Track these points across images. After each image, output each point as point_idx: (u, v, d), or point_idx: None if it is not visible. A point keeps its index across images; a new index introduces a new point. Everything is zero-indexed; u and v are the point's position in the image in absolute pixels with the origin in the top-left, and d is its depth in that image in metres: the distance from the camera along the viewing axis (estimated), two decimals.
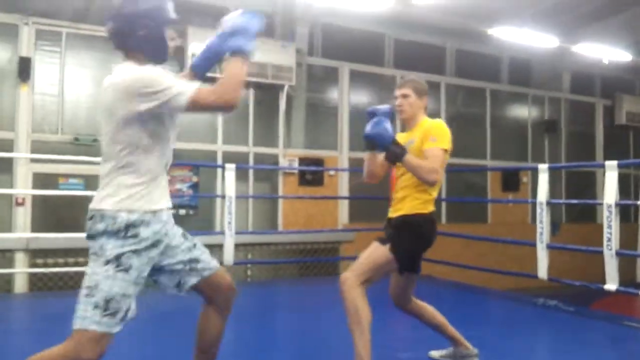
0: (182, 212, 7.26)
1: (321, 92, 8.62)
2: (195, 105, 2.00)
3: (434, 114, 10.00)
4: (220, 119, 7.66)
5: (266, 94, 7.98)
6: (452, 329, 3.15)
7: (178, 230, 2.26)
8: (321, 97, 8.61)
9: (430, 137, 2.89)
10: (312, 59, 8.39)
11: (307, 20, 8.15)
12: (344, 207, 8.34)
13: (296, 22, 8.06)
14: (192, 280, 2.23)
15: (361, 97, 8.90)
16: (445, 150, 2.92)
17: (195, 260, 2.24)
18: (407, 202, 2.94)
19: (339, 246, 7.95)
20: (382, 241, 2.92)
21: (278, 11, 8.17)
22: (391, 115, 2.94)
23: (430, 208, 2.96)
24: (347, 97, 8.62)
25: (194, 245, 2.27)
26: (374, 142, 2.88)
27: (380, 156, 3.00)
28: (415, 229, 2.90)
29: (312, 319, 4.43)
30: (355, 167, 8.47)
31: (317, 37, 8.62)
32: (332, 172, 8.23)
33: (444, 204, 9.11)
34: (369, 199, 7.97)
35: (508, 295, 5.90)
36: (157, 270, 2.18)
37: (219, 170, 7.20)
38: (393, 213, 3.01)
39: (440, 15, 8.64)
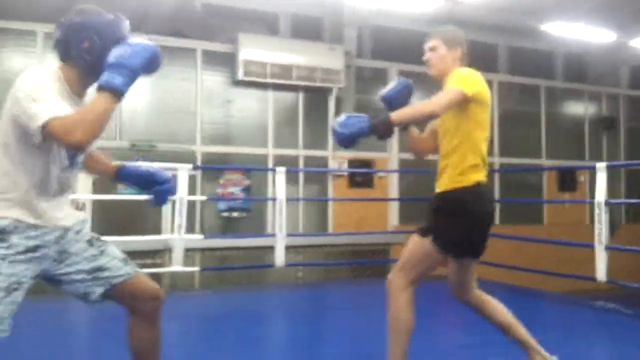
0: (235, 215, 7.41)
1: (370, 93, 8.61)
2: (48, 136, 1.78)
3: None
4: (270, 122, 7.78)
5: (315, 97, 8.05)
6: (524, 332, 2.69)
7: (83, 237, 2.08)
8: (370, 98, 8.60)
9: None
10: (361, 60, 8.39)
11: (355, 23, 8.16)
12: (394, 209, 8.30)
13: (344, 25, 8.09)
14: (99, 290, 2.05)
15: (411, 98, 8.83)
16: (460, 91, 2.41)
17: (100, 269, 2.05)
18: (445, 175, 2.52)
19: (390, 248, 7.92)
20: (422, 230, 2.56)
21: (326, 15, 8.23)
22: (407, 90, 2.76)
23: (474, 177, 2.47)
24: None
25: (101, 252, 2.08)
26: (352, 139, 2.44)
27: (413, 130, 2.74)
28: (455, 206, 2.47)
29: (363, 320, 4.43)
30: (405, 168, 8.43)
31: (366, 39, 8.62)
32: (381, 174, 8.21)
33: (497, 205, 8.92)
34: (420, 201, 7.92)
35: (564, 299, 5.73)
36: (54, 280, 2.04)
37: (270, 174, 7.31)
38: (435, 190, 2.60)
39: (490, 13, 8.48)
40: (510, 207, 9.02)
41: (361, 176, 8.10)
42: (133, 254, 6.31)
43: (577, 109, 10.28)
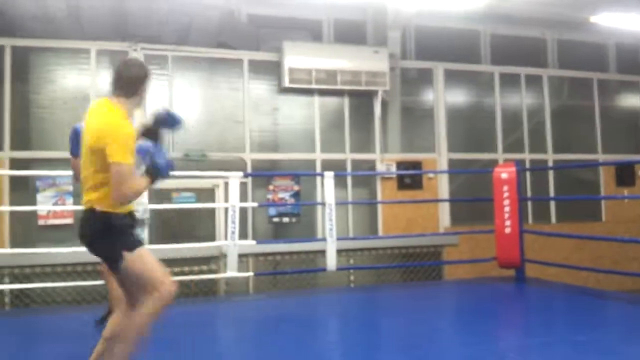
0: (286, 220, 7.49)
1: (416, 94, 8.56)
2: None
3: (537, 109, 9.62)
4: (317, 128, 7.84)
5: (361, 100, 8.06)
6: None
7: None
8: (416, 99, 8.55)
9: None
10: (406, 62, 8.35)
11: (399, 24, 8.12)
12: (445, 210, 8.20)
13: (387, 27, 8.07)
14: None
15: (458, 97, 8.74)
16: None
17: None
18: None
19: (442, 250, 7.83)
20: None
21: (369, 18, 8.24)
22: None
23: None
24: (443, 97, 8.50)
25: None
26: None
27: None
28: None
29: (417, 323, 4.40)
30: (455, 169, 8.33)
31: (410, 40, 8.57)
32: (431, 175, 8.13)
33: (553, 203, 8.71)
34: (471, 201, 7.82)
35: (627, 297, 5.53)
36: None
37: (319, 178, 7.36)
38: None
39: (537, 7, 8.28)
40: (567, 205, 8.77)
41: (410, 178, 8.04)
42: (189, 261, 6.50)
43: (632, 101, 9.90)
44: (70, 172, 6.47)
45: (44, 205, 6.53)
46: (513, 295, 5.88)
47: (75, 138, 3.78)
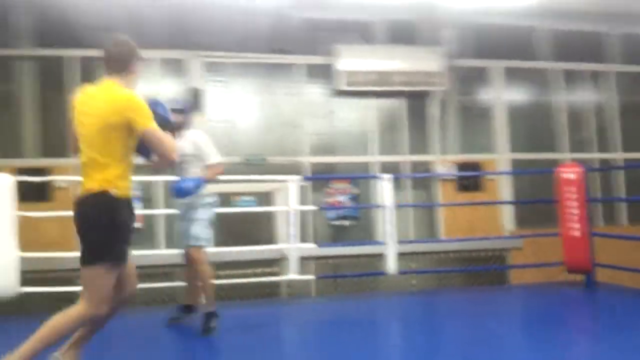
0: (345, 223, 7.47)
1: (474, 93, 8.38)
2: None
3: (604, 106, 9.19)
4: (374, 130, 7.79)
5: (417, 101, 7.95)
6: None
7: None
8: (474, 98, 8.36)
9: None
10: (462, 60, 8.18)
11: (453, 23, 7.99)
12: (508, 212, 7.97)
13: (441, 26, 7.95)
14: None
15: (518, 95, 8.49)
16: None
17: None
18: None
19: (507, 254, 7.61)
20: None
21: (421, 18, 8.11)
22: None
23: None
24: (502, 95, 8.28)
25: None
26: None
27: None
28: None
29: (480, 329, 4.27)
30: (517, 169, 8.09)
31: (465, 38, 8.39)
32: (491, 176, 7.93)
33: (624, 205, 8.33)
34: (534, 203, 7.55)
35: None
36: None
37: (377, 181, 7.29)
38: None
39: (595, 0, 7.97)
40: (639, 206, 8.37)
41: (469, 179, 7.87)
42: (251, 263, 6.57)
43: None
44: (134, 178, 6.72)
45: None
46: (583, 300, 5.64)
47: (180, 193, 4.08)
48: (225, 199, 6.97)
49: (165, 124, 2.78)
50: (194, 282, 4.30)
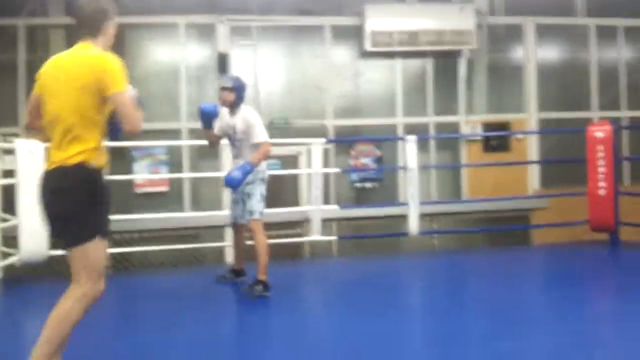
0: (368, 185, 7.56)
1: (504, 51, 8.20)
2: None
3: (636, 63, 8.80)
4: (399, 91, 7.76)
5: (445, 61, 7.85)
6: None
7: None
8: (505, 57, 8.20)
9: None
10: (493, 18, 7.99)
11: None
12: (534, 172, 7.90)
13: None
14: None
15: (550, 53, 8.28)
16: None
17: None
18: None
19: (531, 213, 7.58)
20: None
21: None
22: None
23: None
24: (533, 54, 8.08)
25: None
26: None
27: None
28: None
29: (503, 288, 4.33)
30: (546, 129, 7.97)
31: None
32: (519, 136, 7.84)
33: None
34: (562, 163, 7.45)
35: None
36: None
37: (401, 143, 7.31)
38: None
39: None
40: None
41: (497, 139, 7.80)
42: (276, 225, 6.74)
43: None
44: (160, 143, 6.92)
45: (141, 174, 7.02)
46: (607, 259, 5.64)
47: (203, 115, 4.20)
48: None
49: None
50: (241, 248, 4.54)
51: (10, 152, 4.85)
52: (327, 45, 7.62)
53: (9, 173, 4.80)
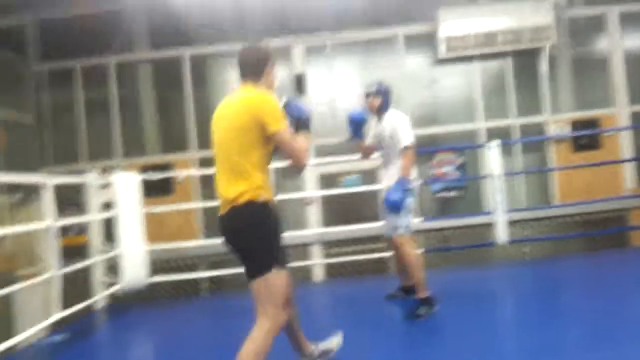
0: (452, 194, 7.42)
1: (587, 44, 7.82)
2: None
3: None
4: (478, 95, 7.58)
5: (524, 60, 7.60)
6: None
7: None
8: (588, 50, 7.81)
9: None
10: (573, 10, 7.64)
11: None
12: (628, 170, 7.45)
13: None
14: None
15: (637, 41, 7.79)
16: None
17: None
18: None
19: (627, 214, 7.15)
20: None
21: None
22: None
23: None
24: (619, 44, 7.65)
25: None
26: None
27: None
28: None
29: (602, 297, 4.10)
30: (638, 123, 7.50)
31: None
32: (610, 132, 7.42)
33: None
34: None
35: None
36: None
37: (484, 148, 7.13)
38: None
39: None
40: None
41: (586, 138, 7.43)
42: (359, 241, 6.75)
43: None
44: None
45: None
46: None
47: (352, 123, 4.08)
48: (331, 179, 7.21)
49: (299, 124, 2.69)
50: (401, 265, 4.33)
51: (106, 186, 5.20)
52: (400, 56, 7.59)
53: (107, 206, 5.15)
